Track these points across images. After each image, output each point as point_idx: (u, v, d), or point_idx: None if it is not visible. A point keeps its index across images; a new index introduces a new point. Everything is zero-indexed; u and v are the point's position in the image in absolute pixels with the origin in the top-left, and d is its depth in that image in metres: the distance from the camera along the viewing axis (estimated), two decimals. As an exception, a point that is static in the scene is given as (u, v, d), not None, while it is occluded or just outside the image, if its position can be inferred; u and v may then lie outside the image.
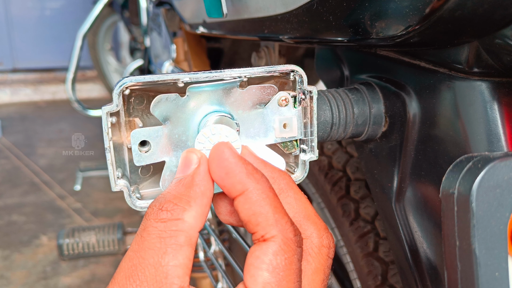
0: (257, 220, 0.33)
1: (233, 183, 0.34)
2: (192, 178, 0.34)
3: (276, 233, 0.33)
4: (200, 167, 0.35)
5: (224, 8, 0.57)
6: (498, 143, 0.37)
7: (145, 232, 0.32)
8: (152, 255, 0.31)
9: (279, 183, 0.37)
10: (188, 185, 0.34)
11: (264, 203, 0.34)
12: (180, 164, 0.36)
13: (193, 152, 0.36)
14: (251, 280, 0.32)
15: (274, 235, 0.33)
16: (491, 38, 0.33)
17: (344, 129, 0.47)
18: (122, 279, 0.32)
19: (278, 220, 0.33)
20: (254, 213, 0.33)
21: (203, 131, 0.36)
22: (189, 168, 0.35)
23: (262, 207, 0.33)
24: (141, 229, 0.33)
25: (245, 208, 0.34)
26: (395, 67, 0.46)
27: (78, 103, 2.01)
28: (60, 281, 1.80)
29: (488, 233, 0.32)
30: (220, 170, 0.34)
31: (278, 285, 0.32)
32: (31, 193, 2.52)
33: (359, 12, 0.37)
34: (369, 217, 0.67)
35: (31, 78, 4.78)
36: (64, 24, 4.69)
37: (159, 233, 0.32)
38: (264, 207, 0.33)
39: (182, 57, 1.11)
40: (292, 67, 0.40)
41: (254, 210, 0.33)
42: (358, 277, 0.66)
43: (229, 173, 0.34)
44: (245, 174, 0.34)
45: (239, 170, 0.34)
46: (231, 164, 0.34)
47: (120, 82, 0.35)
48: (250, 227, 0.34)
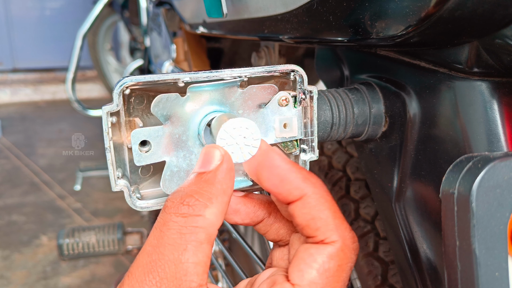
0: (316, 225, 0.33)
1: (290, 189, 0.33)
2: (215, 174, 0.34)
3: (337, 238, 0.33)
4: (223, 164, 0.34)
5: (224, 8, 0.57)
6: (498, 143, 0.37)
7: (165, 227, 0.32)
8: (172, 251, 0.31)
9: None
10: (210, 182, 0.33)
11: (324, 207, 0.33)
12: (201, 158, 0.35)
13: (216, 148, 0.35)
14: (298, 274, 0.32)
15: (334, 240, 0.33)
16: (491, 38, 0.33)
17: (344, 129, 0.47)
18: (141, 275, 0.31)
19: (338, 226, 0.33)
20: (313, 218, 0.33)
21: (224, 126, 0.35)
22: (211, 164, 0.34)
23: (322, 212, 0.33)
24: (160, 223, 0.32)
25: (303, 213, 0.33)
26: (395, 67, 0.46)
27: (78, 103, 2.01)
28: (60, 281, 1.80)
29: (488, 233, 0.32)
30: (274, 178, 0.34)
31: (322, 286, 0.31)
32: (31, 193, 2.52)
33: (359, 12, 0.37)
34: (369, 217, 0.67)
35: (31, 78, 4.78)
36: (64, 24, 4.69)
37: (180, 228, 0.31)
38: (324, 212, 0.33)
39: (182, 57, 1.11)
40: (292, 67, 0.40)
41: (313, 215, 0.33)
42: (358, 277, 0.66)
43: (284, 181, 0.33)
44: (301, 180, 0.34)
45: (295, 176, 0.34)
46: (285, 171, 0.34)
47: (120, 81, 0.35)
48: (308, 231, 0.33)
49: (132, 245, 1.42)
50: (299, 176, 0.34)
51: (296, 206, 0.33)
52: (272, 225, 0.39)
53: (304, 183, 0.34)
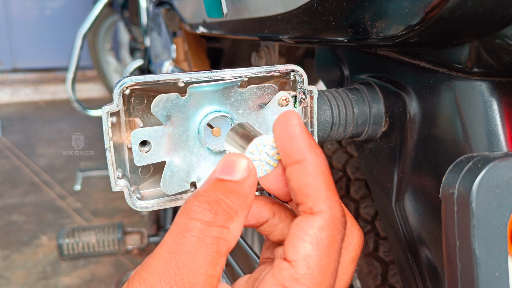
0: (308, 191, 0.33)
1: (293, 149, 0.34)
2: (242, 186, 0.33)
3: (325, 208, 0.33)
4: (251, 177, 0.33)
5: (224, 8, 0.57)
6: (498, 143, 0.37)
7: (188, 233, 0.30)
8: (192, 261, 0.29)
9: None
10: (237, 193, 0.32)
11: (319, 177, 0.34)
12: (224, 164, 0.34)
13: (244, 158, 0.34)
14: (292, 250, 0.32)
15: (322, 210, 0.33)
16: (491, 38, 0.33)
17: (344, 129, 0.47)
18: (156, 282, 0.29)
19: (329, 197, 0.33)
20: (307, 184, 0.33)
21: (258, 141, 0.35)
22: (236, 173, 0.33)
23: (316, 180, 0.33)
24: (182, 227, 0.30)
25: (299, 177, 0.33)
26: (395, 67, 0.46)
27: (78, 103, 2.01)
28: (60, 281, 1.80)
29: (488, 233, 0.32)
30: (284, 134, 0.34)
31: (319, 260, 0.31)
32: (31, 193, 2.52)
33: (359, 12, 0.37)
34: (369, 217, 0.67)
35: (31, 78, 4.78)
36: (64, 24, 4.69)
37: (203, 237, 0.30)
38: (318, 181, 0.33)
39: (182, 57, 1.11)
40: (293, 67, 0.40)
41: (308, 181, 0.33)
42: (358, 277, 0.66)
43: (292, 139, 0.34)
44: (306, 145, 0.34)
45: (302, 140, 0.34)
46: (296, 131, 0.34)
47: (120, 82, 0.35)
48: (299, 197, 0.33)
49: (132, 245, 1.42)
50: (305, 141, 0.34)
51: (293, 169, 0.34)
52: (277, 225, 0.39)
53: (308, 150, 0.34)
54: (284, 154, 0.34)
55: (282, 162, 0.35)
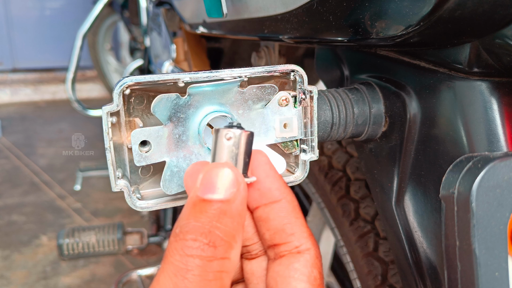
0: (292, 229, 0.33)
1: (271, 188, 0.33)
2: (235, 205, 0.29)
3: (311, 246, 0.33)
4: (241, 192, 0.30)
5: (224, 8, 0.57)
6: (498, 143, 0.37)
7: (189, 273, 0.27)
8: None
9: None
10: (232, 214, 0.29)
11: (299, 215, 0.33)
12: (208, 178, 0.30)
13: (227, 168, 0.30)
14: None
15: (309, 247, 0.33)
16: (491, 38, 0.33)
17: (344, 129, 0.47)
18: None
19: (310, 234, 0.33)
20: (290, 222, 0.33)
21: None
22: (223, 189, 0.29)
23: (298, 219, 0.33)
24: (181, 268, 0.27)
25: (280, 216, 0.33)
26: (395, 67, 0.46)
27: (78, 103, 2.01)
28: (60, 281, 1.80)
29: (488, 233, 0.32)
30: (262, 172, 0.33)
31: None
32: (31, 193, 2.52)
33: (359, 12, 0.37)
34: (369, 217, 0.67)
35: (31, 78, 4.78)
36: (64, 24, 4.68)
37: (205, 275, 0.27)
38: (299, 220, 0.33)
39: (182, 57, 1.11)
40: (293, 67, 0.40)
41: (290, 220, 0.33)
42: (358, 277, 0.66)
43: (269, 177, 0.33)
44: (283, 183, 0.33)
45: (278, 178, 0.33)
46: (271, 170, 0.33)
47: (120, 82, 0.35)
48: (283, 236, 0.33)
49: (132, 245, 1.42)
50: (281, 180, 0.34)
51: (272, 209, 0.33)
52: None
53: (285, 188, 0.33)
54: (259, 194, 0.33)
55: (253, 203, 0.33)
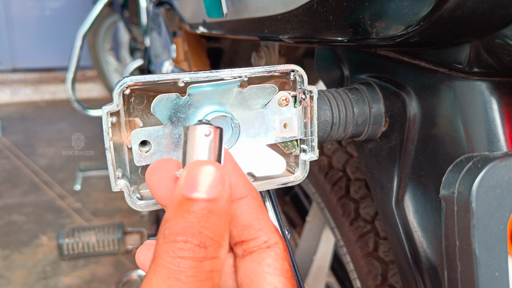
0: (260, 224, 0.33)
1: (237, 185, 0.33)
2: (222, 204, 0.29)
3: (278, 239, 0.33)
4: (227, 190, 0.30)
5: (224, 8, 0.57)
6: (498, 143, 0.37)
7: (182, 275, 0.27)
8: None
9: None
10: (219, 213, 0.29)
11: (264, 211, 0.34)
12: (192, 176, 0.29)
13: (212, 165, 0.30)
14: (269, 286, 0.31)
15: (277, 241, 0.33)
16: (491, 38, 0.33)
17: (344, 129, 0.47)
18: None
19: (276, 229, 0.34)
20: (257, 217, 0.33)
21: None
22: (210, 187, 0.29)
23: (264, 214, 0.34)
24: (173, 270, 0.27)
25: (247, 212, 0.33)
26: (395, 67, 0.46)
27: (78, 103, 2.01)
28: (60, 281, 1.80)
29: (488, 233, 0.32)
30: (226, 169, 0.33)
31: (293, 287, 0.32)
32: (31, 193, 2.52)
33: (359, 12, 0.37)
34: (369, 217, 0.67)
35: (31, 78, 4.78)
36: (64, 24, 4.68)
37: (198, 275, 0.27)
38: (265, 215, 0.34)
39: (182, 57, 1.11)
40: (293, 66, 0.40)
41: (258, 216, 0.33)
42: (358, 277, 0.66)
43: (235, 174, 0.33)
44: (247, 180, 0.34)
45: (242, 175, 0.34)
46: (235, 168, 0.33)
47: (120, 82, 0.35)
48: (251, 232, 0.33)
49: (132, 245, 1.42)
50: (245, 177, 0.34)
51: (239, 205, 0.33)
52: None
53: (249, 185, 0.34)
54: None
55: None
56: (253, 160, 0.41)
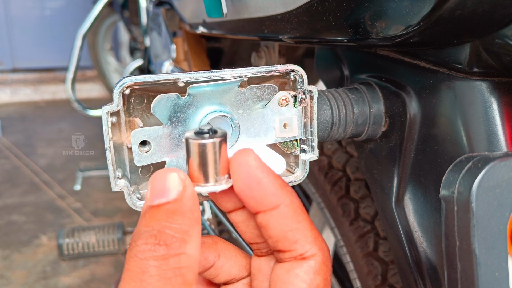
0: (295, 236, 0.31)
1: (266, 194, 0.31)
2: (183, 203, 0.30)
3: (317, 251, 0.31)
4: (188, 188, 0.30)
5: (224, 8, 0.57)
6: (498, 143, 0.37)
7: (146, 275, 0.27)
8: None
9: None
10: (182, 211, 0.29)
11: (301, 218, 0.31)
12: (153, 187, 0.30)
13: (171, 172, 0.31)
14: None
15: (314, 253, 0.31)
16: (491, 38, 0.33)
17: (344, 129, 0.47)
18: None
19: (317, 238, 0.32)
20: (291, 229, 0.31)
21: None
22: (170, 190, 0.30)
23: (300, 223, 0.31)
24: (137, 272, 0.27)
25: (280, 223, 0.31)
26: (395, 67, 0.46)
27: (78, 103, 2.01)
28: (60, 281, 1.80)
29: (488, 233, 0.32)
30: (249, 179, 0.31)
31: None
32: (31, 193, 2.52)
33: (359, 12, 0.37)
34: (369, 217, 0.67)
35: (31, 78, 4.78)
36: (64, 24, 4.69)
37: (163, 273, 0.27)
38: (302, 223, 0.31)
39: (182, 57, 1.11)
40: (293, 66, 0.40)
41: (291, 226, 0.31)
42: (358, 277, 0.66)
43: (262, 183, 0.31)
44: (279, 187, 0.31)
45: (273, 182, 0.31)
46: (264, 173, 0.31)
47: (120, 81, 0.35)
48: (285, 244, 0.31)
49: (132, 245, 1.42)
50: (277, 182, 0.31)
51: (271, 216, 0.31)
52: (223, 266, 0.36)
53: (282, 191, 0.31)
54: (254, 201, 0.31)
55: (251, 209, 0.32)
56: (253, 160, 0.41)
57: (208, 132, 0.32)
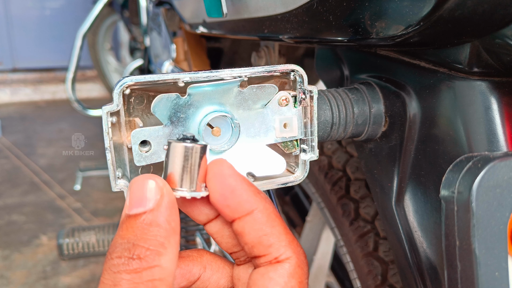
0: (269, 241, 0.31)
1: (240, 202, 0.31)
2: (160, 213, 0.29)
3: (291, 254, 0.31)
4: (166, 196, 0.30)
5: (224, 8, 0.57)
6: (498, 143, 0.37)
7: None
8: None
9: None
10: (158, 222, 0.29)
11: (275, 223, 0.32)
12: (131, 196, 0.30)
13: (149, 179, 0.30)
14: None
15: (289, 256, 0.31)
16: (491, 38, 0.33)
17: (344, 129, 0.47)
18: None
19: (291, 241, 0.32)
20: (265, 233, 0.31)
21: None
22: (147, 200, 0.29)
23: (274, 228, 0.32)
24: (111, 285, 0.27)
25: (255, 229, 0.31)
26: (395, 67, 0.46)
27: (78, 103, 2.01)
28: (60, 281, 1.80)
29: (488, 233, 0.32)
30: (224, 188, 0.31)
31: None
32: (31, 192, 2.52)
33: (359, 12, 0.37)
34: (369, 217, 0.67)
35: (31, 77, 4.78)
36: (64, 24, 4.69)
37: (135, 286, 0.27)
38: (276, 228, 0.32)
39: (182, 56, 1.11)
40: (293, 66, 0.40)
41: (265, 231, 0.31)
42: (358, 276, 0.66)
43: (235, 191, 0.31)
44: (253, 193, 0.32)
45: (246, 189, 0.32)
46: (237, 182, 0.32)
47: (120, 81, 0.35)
48: (260, 249, 0.31)
49: (132, 245, 1.43)
50: (250, 189, 0.32)
51: (245, 222, 0.31)
52: (210, 278, 0.36)
53: (255, 197, 0.32)
54: (229, 209, 0.31)
55: (227, 218, 0.32)
56: (253, 160, 0.41)
57: (190, 139, 0.33)
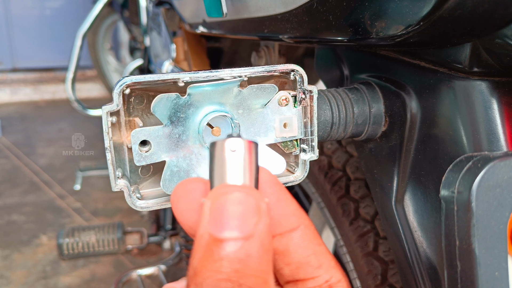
0: (318, 261, 0.27)
1: (286, 214, 0.27)
2: (262, 241, 0.23)
3: (341, 277, 0.28)
4: (265, 220, 0.24)
5: (224, 7, 0.57)
6: (498, 143, 0.37)
7: None
8: None
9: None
10: (260, 254, 0.23)
11: (321, 241, 0.28)
12: (218, 212, 0.23)
13: (246, 191, 0.24)
14: None
15: (339, 279, 0.28)
16: (491, 38, 0.33)
17: (344, 129, 0.47)
18: None
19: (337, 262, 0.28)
20: (314, 252, 0.27)
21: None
22: (245, 222, 0.23)
23: (321, 245, 0.28)
24: None
25: (302, 246, 0.27)
26: (395, 67, 0.46)
27: (78, 103, 2.01)
28: (60, 280, 1.79)
29: (488, 232, 0.32)
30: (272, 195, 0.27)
31: None
32: (31, 192, 2.52)
33: (359, 11, 0.37)
34: (369, 216, 0.67)
35: (31, 77, 4.78)
36: (64, 24, 4.69)
37: None
38: (322, 246, 0.28)
39: (182, 56, 1.11)
40: (293, 66, 0.40)
41: (314, 249, 0.27)
42: (358, 276, 0.66)
43: (282, 201, 0.27)
44: (298, 208, 0.28)
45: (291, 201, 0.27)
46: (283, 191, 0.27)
47: (120, 81, 0.35)
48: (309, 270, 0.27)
49: (132, 245, 1.42)
50: (294, 202, 0.28)
51: (292, 238, 0.27)
52: None
53: (300, 211, 0.28)
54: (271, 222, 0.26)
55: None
56: (253, 160, 0.41)
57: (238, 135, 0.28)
